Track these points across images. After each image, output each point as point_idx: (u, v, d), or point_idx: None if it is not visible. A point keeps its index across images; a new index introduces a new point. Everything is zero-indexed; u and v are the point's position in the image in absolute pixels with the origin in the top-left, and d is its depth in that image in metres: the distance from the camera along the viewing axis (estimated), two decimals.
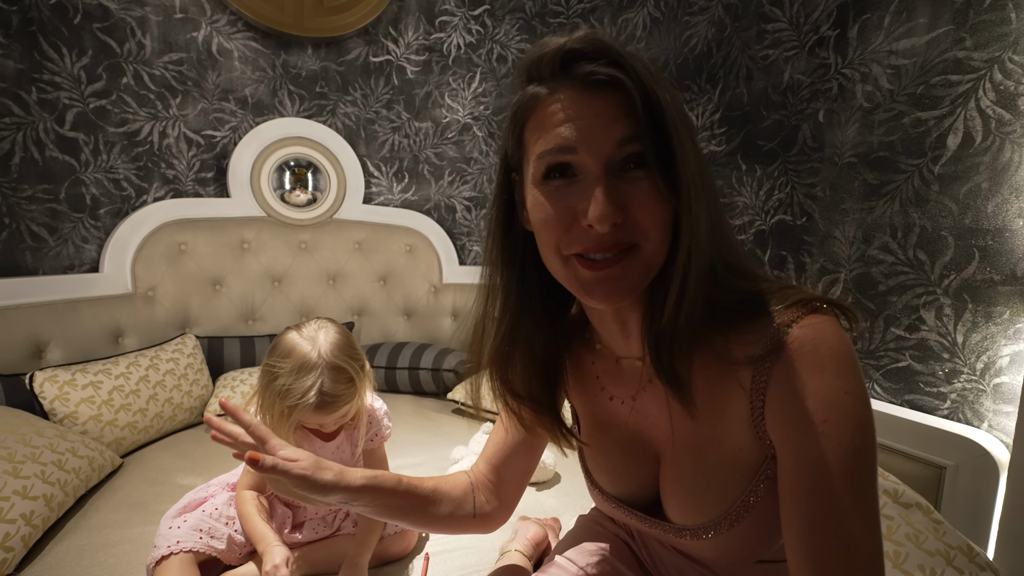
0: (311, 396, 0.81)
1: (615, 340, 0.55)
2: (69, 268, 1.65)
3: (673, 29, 1.70)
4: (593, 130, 0.42)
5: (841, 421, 0.42)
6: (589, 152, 0.42)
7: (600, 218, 0.41)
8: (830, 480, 0.42)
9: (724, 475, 0.50)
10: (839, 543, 0.41)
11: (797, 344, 0.43)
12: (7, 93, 1.50)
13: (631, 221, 0.43)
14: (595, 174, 0.42)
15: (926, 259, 1.08)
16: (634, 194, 0.43)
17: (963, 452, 0.96)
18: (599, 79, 0.42)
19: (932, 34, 1.06)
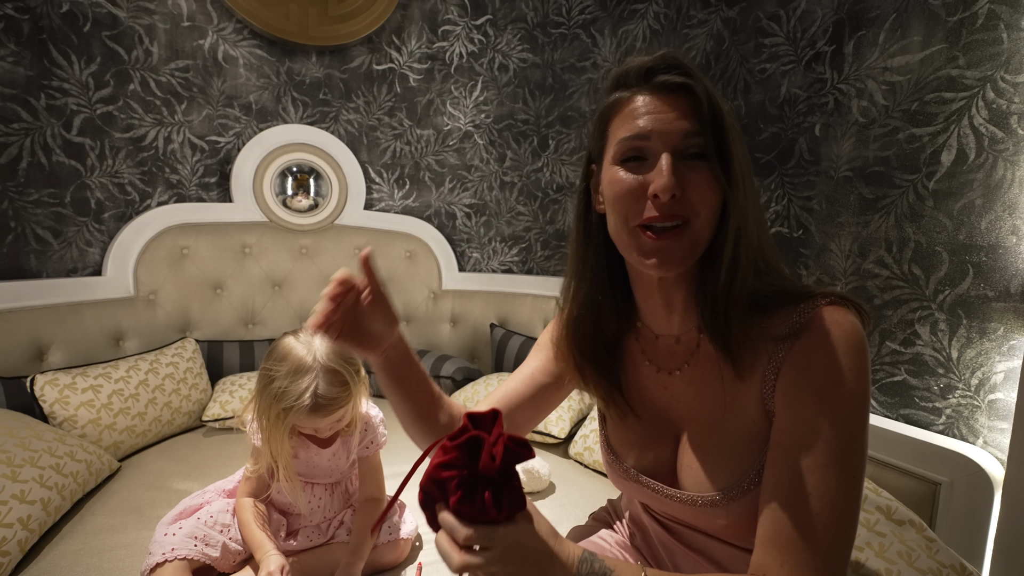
0: (306, 398, 0.82)
1: (658, 317, 0.62)
2: (72, 271, 1.67)
3: (672, 41, 1.72)
4: (664, 123, 0.52)
5: (842, 394, 0.49)
6: (660, 140, 0.52)
7: (664, 188, 0.50)
8: (819, 442, 0.49)
9: (740, 445, 0.55)
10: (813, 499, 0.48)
11: (816, 326, 0.51)
12: (16, 99, 1.52)
13: (686, 199, 0.51)
14: (664, 159, 0.51)
15: (921, 274, 1.08)
16: (692, 177, 0.51)
17: (958, 468, 0.96)
18: (673, 85, 0.52)
19: (926, 52, 1.07)
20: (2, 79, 1.49)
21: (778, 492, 0.51)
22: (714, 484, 0.57)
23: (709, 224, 0.53)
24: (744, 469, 0.55)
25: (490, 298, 2.22)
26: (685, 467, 0.61)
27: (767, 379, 0.53)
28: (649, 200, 0.52)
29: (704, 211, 0.52)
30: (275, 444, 0.86)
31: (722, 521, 0.58)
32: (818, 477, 0.49)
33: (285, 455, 0.89)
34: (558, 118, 2.17)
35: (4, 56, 1.49)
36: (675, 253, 0.52)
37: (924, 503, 0.99)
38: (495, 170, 2.31)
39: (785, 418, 0.52)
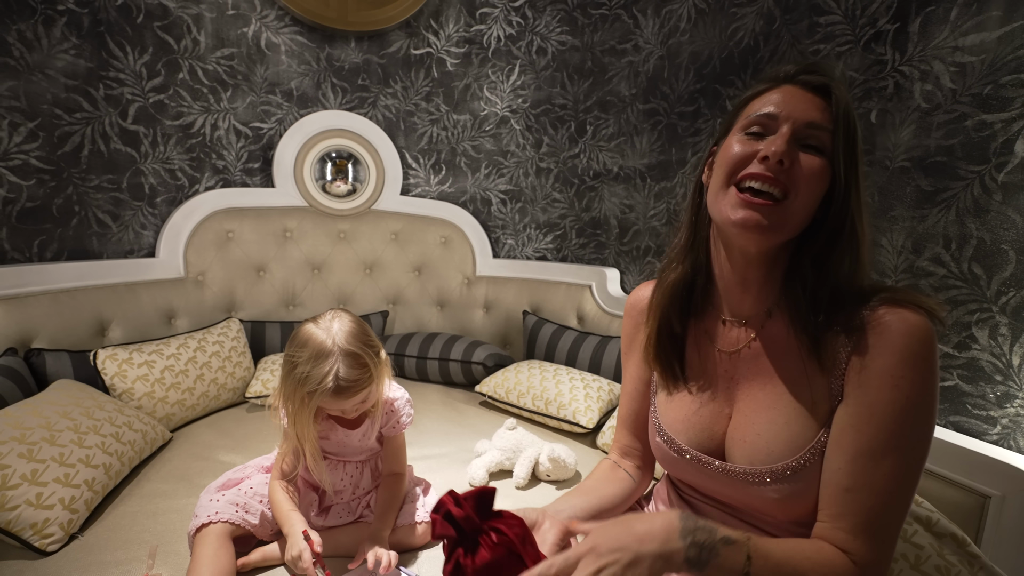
0: (328, 382, 0.85)
1: (731, 296, 0.65)
2: (129, 253, 1.78)
3: (719, 21, 1.63)
4: (795, 111, 0.56)
5: (915, 381, 0.51)
6: (786, 120, 0.56)
7: (775, 152, 0.54)
8: (893, 425, 0.51)
9: (798, 424, 0.58)
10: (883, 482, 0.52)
11: (889, 316, 0.53)
12: (78, 90, 1.62)
13: (793, 172, 0.55)
14: (783, 130, 0.56)
15: (982, 274, 1.01)
16: (805, 160, 0.55)
17: (1011, 482, 0.90)
18: (813, 83, 0.57)
19: (1005, 28, 0.97)
20: (65, 71, 1.59)
21: (850, 472, 0.53)
22: (768, 460, 0.59)
23: (805, 209, 0.55)
24: (799, 447, 0.57)
25: (523, 285, 2.22)
26: (737, 442, 0.62)
27: (837, 363, 0.56)
28: (757, 160, 0.55)
29: (804, 193, 0.55)
30: (301, 427, 0.90)
31: (773, 496, 0.59)
32: (891, 461, 0.52)
33: (311, 437, 0.92)
34: (596, 103, 2.11)
35: (67, 49, 1.58)
36: (763, 220, 0.55)
37: (971, 517, 0.93)
38: (531, 156, 2.29)
39: (859, 401, 0.54)
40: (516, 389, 1.69)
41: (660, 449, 0.72)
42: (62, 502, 1.00)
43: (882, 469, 0.52)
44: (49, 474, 1.02)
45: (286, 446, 0.98)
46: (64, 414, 1.15)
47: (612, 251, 2.10)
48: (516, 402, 1.68)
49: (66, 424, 1.13)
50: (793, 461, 0.57)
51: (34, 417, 1.10)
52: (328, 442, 1.02)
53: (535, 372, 1.71)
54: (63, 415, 1.15)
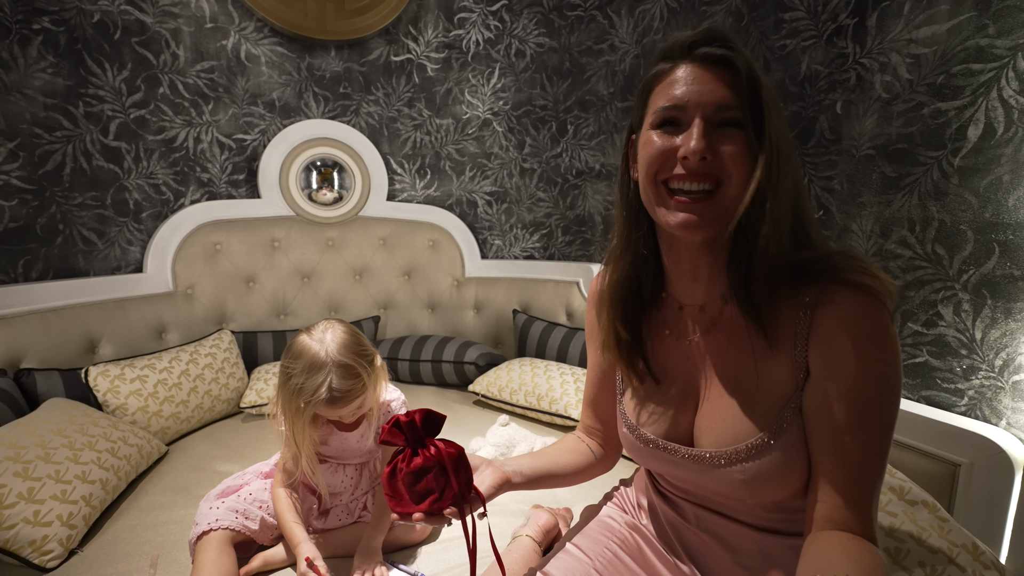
0: (322, 392, 0.87)
1: (684, 286, 0.65)
2: (116, 269, 1.78)
3: (690, 19, 1.68)
4: (702, 94, 0.54)
5: (878, 352, 0.52)
6: (695, 109, 0.54)
7: (693, 150, 0.53)
8: (861, 397, 0.52)
9: (760, 403, 0.58)
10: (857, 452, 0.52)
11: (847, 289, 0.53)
12: (58, 108, 1.62)
13: (719, 161, 0.53)
14: (696, 123, 0.53)
15: (944, 254, 1.06)
16: (725, 143, 0.53)
17: (979, 450, 0.95)
18: (714, 56, 0.54)
19: (954, 21, 1.03)
20: (44, 90, 1.59)
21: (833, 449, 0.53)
22: (733, 441, 0.59)
23: (739, 191, 0.54)
24: (765, 426, 0.57)
25: (512, 284, 2.25)
26: (704, 429, 0.62)
27: (798, 340, 0.55)
28: (679, 162, 0.54)
29: (736, 175, 0.53)
30: (298, 435, 0.93)
31: (739, 478, 0.59)
32: (866, 432, 0.52)
33: (307, 445, 0.95)
34: (576, 103, 2.16)
35: (44, 68, 1.58)
36: (703, 217, 0.55)
37: (943, 485, 0.98)
38: (514, 157, 2.32)
39: (826, 379, 0.54)
40: (508, 387, 1.72)
41: (627, 440, 0.72)
42: (60, 518, 1.01)
43: (859, 441, 0.52)
44: (46, 491, 1.03)
45: (287, 453, 1.00)
46: (58, 432, 1.16)
47: (598, 247, 2.14)
48: (509, 399, 1.70)
49: (61, 441, 1.13)
50: (756, 440, 0.57)
51: (28, 436, 1.10)
52: (327, 446, 1.04)
53: (526, 369, 1.74)
54: (57, 432, 1.15)
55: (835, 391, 0.53)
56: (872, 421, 0.52)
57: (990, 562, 0.76)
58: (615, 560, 0.73)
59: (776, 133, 0.53)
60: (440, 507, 0.60)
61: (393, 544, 1.01)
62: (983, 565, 0.76)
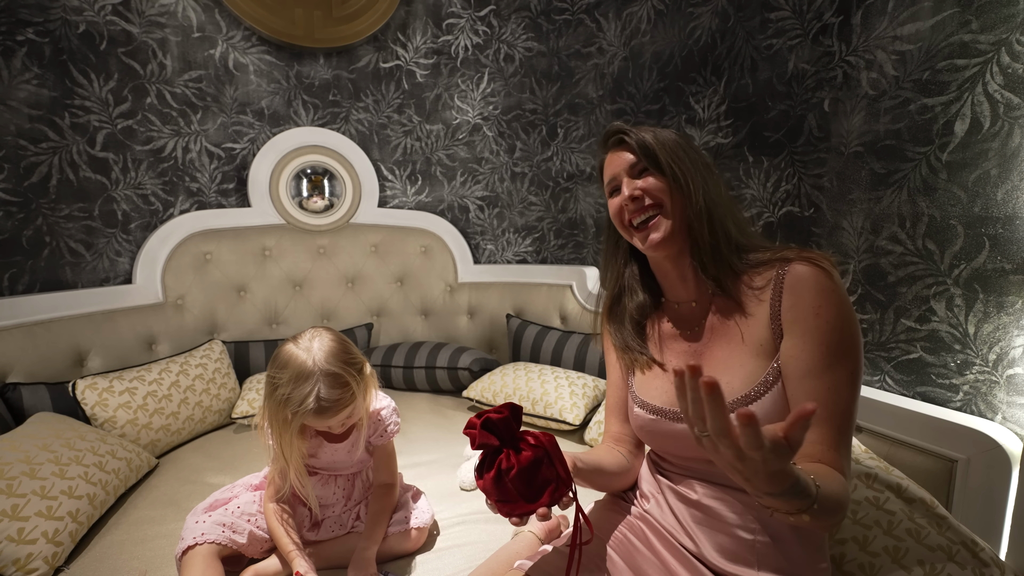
0: (309, 403, 0.85)
1: (677, 289, 0.81)
2: (105, 281, 1.76)
3: (677, 21, 1.68)
4: (619, 166, 0.79)
5: (831, 307, 0.65)
6: (621, 175, 0.78)
7: (627, 196, 0.76)
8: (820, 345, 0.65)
9: (749, 361, 0.71)
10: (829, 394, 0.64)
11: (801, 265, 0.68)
12: (43, 120, 1.60)
13: (649, 193, 0.75)
14: (624, 181, 0.78)
15: (935, 249, 1.06)
16: (645, 182, 0.76)
17: (975, 445, 0.95)
18: (617, 142, 0.80)
19: (937, 17, 1.03)
20: (28, 101, 1.57)
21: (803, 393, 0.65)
22: (727, 394, 0.69)
23: (677, 209, 0.75)
24: (752, 379, 0.69)
25: (505, 289, 2.24)
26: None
27: (773, 307, 0.69)
28: (626, 208, 0.77)
29: (665, 198, 0.75)
30: (286, 447, 0.91)
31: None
32: (831, 375, 0.64)
33: (296, 456, 0.93)
34: (566, 106, 2.16)
35: (29, 79, 1.57)
36: (659, 233, 0.75)
37: (940, 481, 0.97)
38: (505, 161, 2.32)
39: (793, 334, 0.67)
40: (503, 392, 1.70)
41: (638, 418, 0.82)
42: (45, 535, 0.99)
43: (824, 383, 0.64)
44: (30, 508, 1.00)
45: (275, 466, 0.98)
46: (44, 447, 1.14)
47: (590, 250, 2.14)
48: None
49: (46, 456, 1.11)
50: (748, 392, 0.69)
51: (12, 452, 1.08)
52: (317, 459, 1.02)
53: (520, 374, 1.73)
54: (43, 447, 1.13)
55: (800, 343, 0.66)
56: (835, 367, 0.64)
57: (990, 559, 0.75)
58: (624, 541, 0.78)
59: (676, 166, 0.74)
60: (561, 495, 0.58)
61: (387, 554, 1.00)
62: (982, 562, 0.75)
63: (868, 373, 1.19)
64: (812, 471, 0.57)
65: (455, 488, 1.28)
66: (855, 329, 0.65)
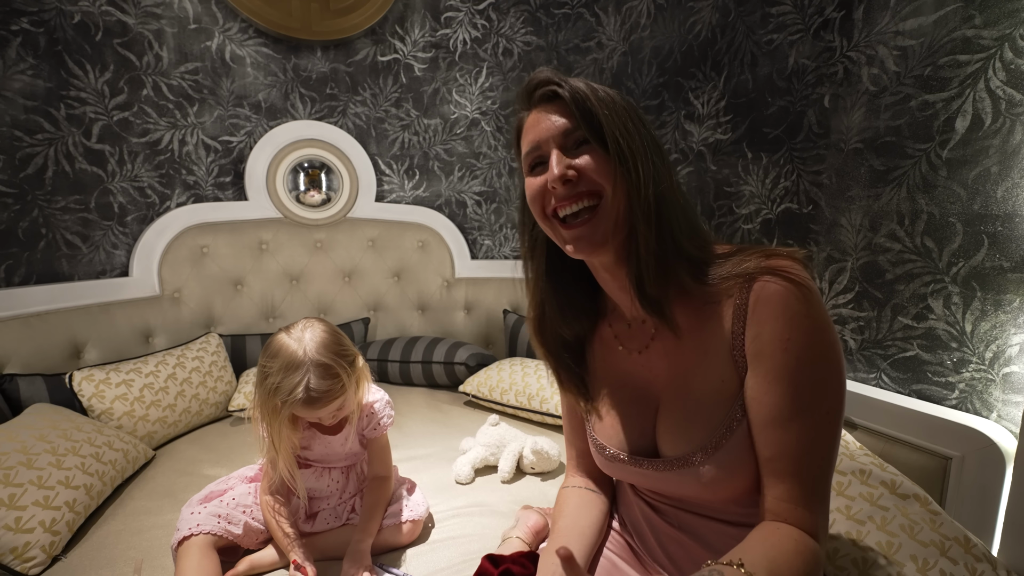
0: (299, 392, 0.85)
1: (621, 300, 0.66)
2: (101, 273, 1.75)
3: (677, 16, 1.67)
4: (547, 130, 0.59)
5: (803, 339, 0.52)
6: (547, 143, 0.59)
7: (554, 178, 0.57)
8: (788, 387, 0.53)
9: (710, 402, 0.59)
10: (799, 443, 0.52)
11: (767, 282, 0.54)
12: (38, 111, 1.59)
13: (584, 177, 0.57)
14: (552, 153, 0.58)
15: (934, 246, 1.05)
16: (583, 160, 0.57)
17: (970, 443, 0.95)
18: (548, 95, 0.60)
19: (940, 12, 1.02)
20: (24, 92, 1.56)
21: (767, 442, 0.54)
22: (689, 442, 0.60)
23: (615, 199, 0.56)
24: (714, 426, 0.58)
25: (503, 284, 2.24)
26: (663, 434, 0.64)
27: (736, 336, 0.56)
28: (550, 192, 0.58)
29: (607, 185, 0.56)
30: (275, 436, 0.91)
31: (698, 479, 0.60)
32: (800, 422, 0.52)
33: (285, 447, 0.93)
34: None
35: (24, 70, 1.56)
36: (594, 234, 0.57)
37: (934, 478, 0.97)
38: (503, 157, 2.31)
39: (757, 372, 0.55)
40: (499, 387, 1.70)
41: (597, 457, 0.72)
42: (42, 525, 0.99)
43: (792, 433, 0.52)
44: (28, 497, 1.01)
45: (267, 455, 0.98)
46: (41, 437, 1.14)
47: None
48: (500, 399, 1.69)
49: (43, 447, 1.11)
50: (710, 440, 0.58)
51: (9, 442, 1.08)
52: (310, 450, 1.02)
53: (516, 369, 1.73)
54: (40, 438, 1.13)
55: (764, 383, 0.54)
56: (806, 411, 0.52)
57: (982, 555, 0.76)
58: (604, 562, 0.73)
59: (625, 140, 0.55)
60: None
61: (382, 547, 1.00)
62: (975, 558, 0.75)
63: (864, 370, 1.19)
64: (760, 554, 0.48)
65: (451, 482, 1.28)
66: (833, 362, 0.53)
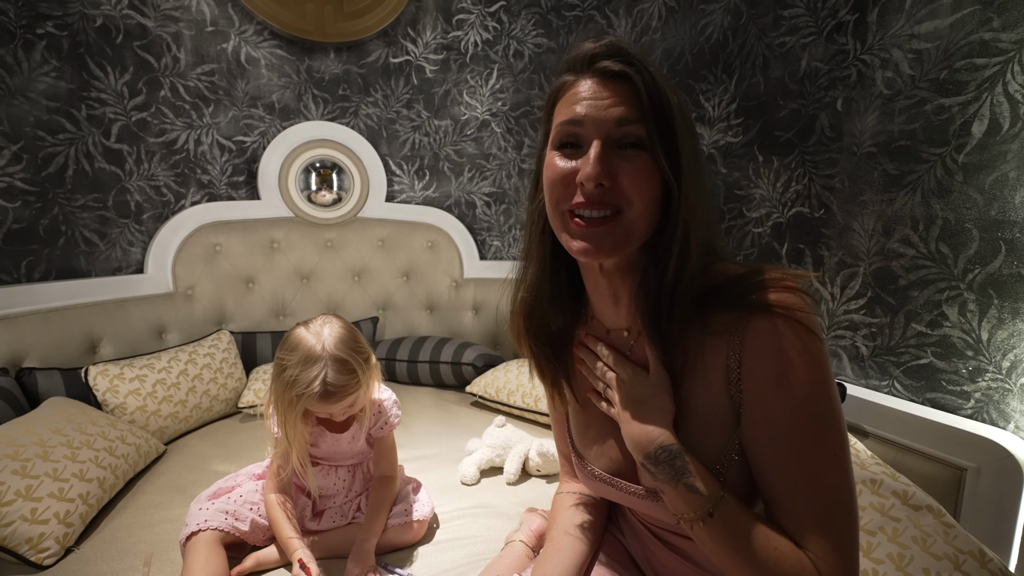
0: (316, 386, 0.86)
1: (607, 310, 0.62)
2: (117, 270, 1.79)
3: (689, 18, 1.66)
4: (599, 109, 0.51)
5: (800, 377, 0.48)
6: (593, 126, 0.51)
7: (588, 176, 0.50)
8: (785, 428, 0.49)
9: (703, 436, 0.54)
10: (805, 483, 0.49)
11: (765, 313, 0.49)
12: (60, 111, 1.63)
13: (618, 187, 0.50)
14: (594, 146, 0.50)
15: (949, 252, 1.03)
16: (626, 167, 0.50)
17: (986, 454, 0.93)
18: (612, 72, 0.51)
19: (957, 15, 1.01)
20: (47, 93, 1.60)
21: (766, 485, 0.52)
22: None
23: (644, 214, 0.51)
24: (710, 461, 0.54)
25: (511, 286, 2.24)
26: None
27: (731, 369, 0.52)
28: (578, 187, 0.52)
29: (638, 201, 0.50)
30: (289, 428, 0.92)
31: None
32: (799, 463, 0.49)
33: (299, 440, 0.94)
34: None
35: (48, 72, 1.60)
36: (604, 241, 0.51)
37: (949, 489, 0.95)
38: (513, 158, 2.31)
39: (752, 412, 0.51)
40: (506, 388, 1.70)
41: (579, 470, 0.69)
42: (57, 516, 1.01)
43: (792, 475, 0.49)
44: (43, 489, 1.03)
45: (278, 451, 1.00)
46: (57, 430, 1.16)
47: None
48: (506, 400, 1.69)
49: (59, 440, 1.14)
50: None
51: (26, 435, 1.11)
52: (317, 448, 1.03)
53: (524, 370, 1.73)
54: (56, 431, 1.16)
55: (756, 424, 0.51)
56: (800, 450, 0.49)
57: (998, 570, 0.74)
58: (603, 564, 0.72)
59: (687, 153, 0.50)
60: None
61: (386, 546, 1.00)
62: (991, 573, 0.73)
63: (876, 377, 1.17)
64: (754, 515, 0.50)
65: (456, 482, 1.29)
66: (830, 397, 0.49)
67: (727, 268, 0.55)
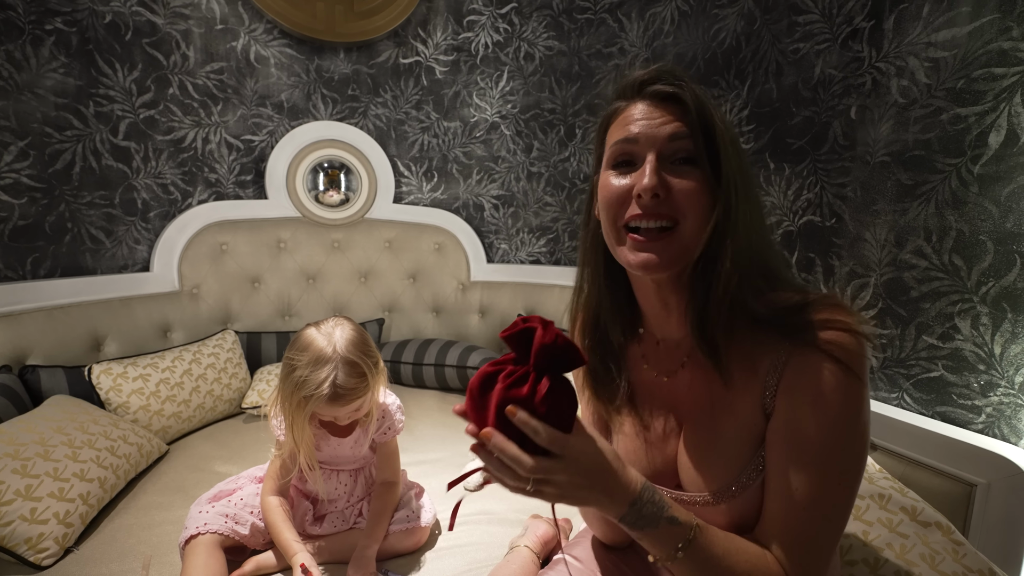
0: (325, 387, 0.86)
1: (657, 320, 0.64)
2: (123, 268, 1.79)
3: (701, 23, 1.65)
4: (652, 128, 0.55)
5: (840, 402, 0.50)
6: (647, 143, 0.55)
7: (645, 188, 0.53)
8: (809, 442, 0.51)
9: (735, 446, 0.57)
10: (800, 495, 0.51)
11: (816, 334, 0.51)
12: (68, 108, 1.63)
13: (673, 200, 0.53)
14: (649, 159, 0.54)
15: (962, 264, 1.02)
16: (679, 181, 0.54)
17: (997, 469, 0.91)
18: (663, 94, 0.55)
19: (975, 23, 0.99)
20: (55, 89, 1.60)
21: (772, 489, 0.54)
22: (708, 484, 0.58)
23: (699, 229, 0.54)
24: (738, 470, 0.56)
25: (518, 289, 2.23)
26: (683, 467, 0.62)
27: (768, 383, 0.54)
28: (633, 198, 0.55)
29: (692, 215, 0.53)
30: (297, 430, 0.91)
31: (721, 519, 0.58)
32: (810, 479, 0.51)
33: (306, 442, 0.93)
34: (585, 106, 2.13)
35: (56, 68, 1.60)
36: (662, 256, 0.54)
37: (958, 505, 0.94)
38: (522, 161, 2.31)
39: (779, 419, 0.54)
40: None
41: None
42: (56, 516, 1.01)
43: (802, 487, 0.51)
44: (43, 489, 1.02)
45: (279, 456, 0.99)
46: (58, 429, 1.16)
47: None
48: None
49: (60, 439, 1.13)
50: (734, 483, 0.56)
51: (27, 433, 1.11)
52: (320, 451, 1.03)
53: None
54: (57, 430, 1.15)
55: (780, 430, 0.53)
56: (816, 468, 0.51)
57: None
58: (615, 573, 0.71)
59: (733, 169, 0.53)
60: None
61: (388, 552, 1.00)
62: None
63: (886, 390, 1.15)
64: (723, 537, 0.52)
65: (459, 488, 1.28)
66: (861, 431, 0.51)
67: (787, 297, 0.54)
